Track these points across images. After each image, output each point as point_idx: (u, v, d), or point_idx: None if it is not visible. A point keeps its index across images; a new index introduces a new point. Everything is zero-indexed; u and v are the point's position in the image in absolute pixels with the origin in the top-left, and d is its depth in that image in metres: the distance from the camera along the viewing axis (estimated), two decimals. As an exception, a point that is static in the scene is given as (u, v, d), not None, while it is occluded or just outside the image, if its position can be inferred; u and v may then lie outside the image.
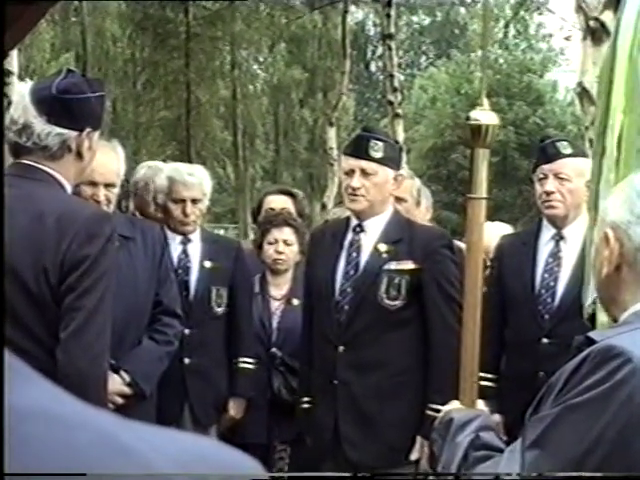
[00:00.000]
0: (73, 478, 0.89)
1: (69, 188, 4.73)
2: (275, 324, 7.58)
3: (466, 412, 3.52)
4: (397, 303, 6.38)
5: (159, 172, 7.38)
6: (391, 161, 6.48)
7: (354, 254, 6.52)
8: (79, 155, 4.71)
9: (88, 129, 4.66)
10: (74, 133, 4.65)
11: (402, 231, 6.59)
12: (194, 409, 7.03)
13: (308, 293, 6.84)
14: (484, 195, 3.72)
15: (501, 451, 3.11)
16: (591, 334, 3.09)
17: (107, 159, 5.97)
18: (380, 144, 6.43)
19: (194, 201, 7.09)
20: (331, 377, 6.40)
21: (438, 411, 5.86)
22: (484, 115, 3.69)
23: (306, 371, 6.80)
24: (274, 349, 7.46)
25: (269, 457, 7.59)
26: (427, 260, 6.40)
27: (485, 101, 3.74)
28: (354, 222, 6.57)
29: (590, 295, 3.63)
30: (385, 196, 6.49)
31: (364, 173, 6.30)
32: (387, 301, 6.39)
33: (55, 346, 4.47)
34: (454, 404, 3.66)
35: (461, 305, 5.54)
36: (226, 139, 31.32)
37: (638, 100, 3.94)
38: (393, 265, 6.42)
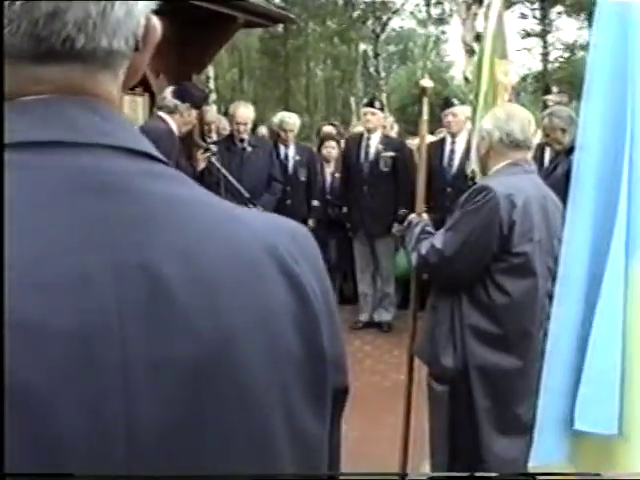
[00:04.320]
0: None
1: None
2: (328, 185, 7.96)
3: (418, 218, 3.50)
4: (387, 169, 7.03)
5: (275, 118, 7.75)
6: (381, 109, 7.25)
7: (368, 149, 7.12)
8: None
9: None
10: None
11: (385, 139, 7.19)
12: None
13: (346, 165, 7.34)
14: (425, 118, 3.68)
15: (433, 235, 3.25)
16: (476, 180, 3.35)
17: (245, 111, 6.66)
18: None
19: (291, 130, 7.43)
20: (362, 203, 7.02)
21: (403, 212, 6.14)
22: (425, 82, 3.75)
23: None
24: (328, 196, 7.87)
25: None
26: (396, 151, 6.99)
27: (427, 78, 3.88)
28: (366, 135, 7.12)
29: (471, 166, 3.85)
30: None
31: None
32: (384, 169, 7.05)
33: None
34: (412, 216, 3.56)
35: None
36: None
37: (489, 78, 3.90)
38: (385, 154, 7.05)
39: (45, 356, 0.63)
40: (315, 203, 7.64)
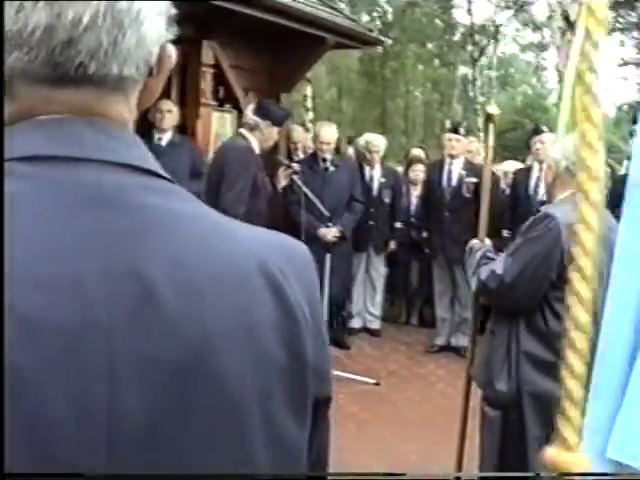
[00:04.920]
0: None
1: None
2: (413, 208, 8.01)
3: (480, 244, 3.53)
4: (469, 195, 7.01)
5: (361, 139, 7.82)
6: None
7: (451, 174, 7.17)
8: None
9: None
10: None
11: (468, 165, 7.14)
12: (374, 244, 7.52)
13: (428, 190, 7.41)
14: (491, 144, 3.65)
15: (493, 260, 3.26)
16: (540, 208, 3.37)
17: (329, 131, 6.74)
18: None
19: (377, 152, 7.51)
20: (443, 228, 7.06)
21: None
22: (491, 109, 3.68)
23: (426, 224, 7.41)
24: (412, 219, 7.91)
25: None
26: (479, 177, 6.73)
27: (493, 105, 3.88)
28: (449, 161, 7.14)
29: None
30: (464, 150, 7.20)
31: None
32: (466, 194, 7.06)
33: None
34: (474, 241, 3.58)
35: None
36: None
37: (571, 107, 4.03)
38: (467, 179, 7.06)
39: (40, 346, 0.69)
40: (398, 225, 7.71)
